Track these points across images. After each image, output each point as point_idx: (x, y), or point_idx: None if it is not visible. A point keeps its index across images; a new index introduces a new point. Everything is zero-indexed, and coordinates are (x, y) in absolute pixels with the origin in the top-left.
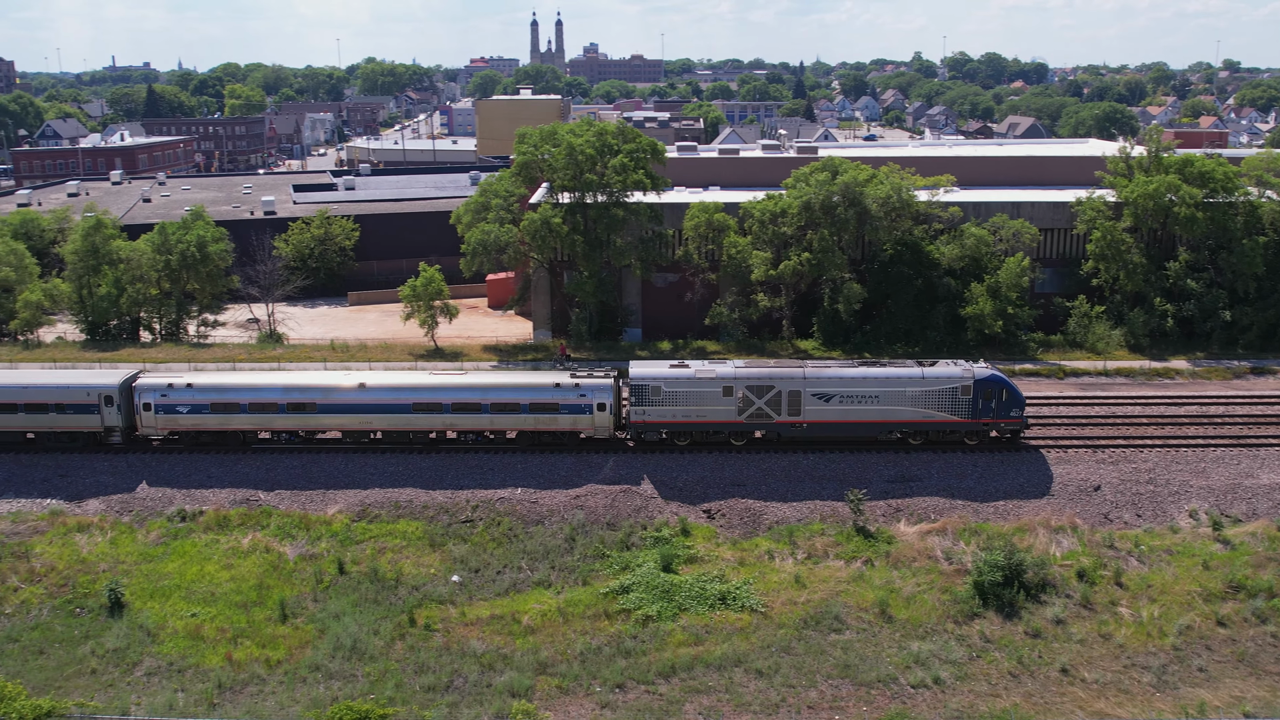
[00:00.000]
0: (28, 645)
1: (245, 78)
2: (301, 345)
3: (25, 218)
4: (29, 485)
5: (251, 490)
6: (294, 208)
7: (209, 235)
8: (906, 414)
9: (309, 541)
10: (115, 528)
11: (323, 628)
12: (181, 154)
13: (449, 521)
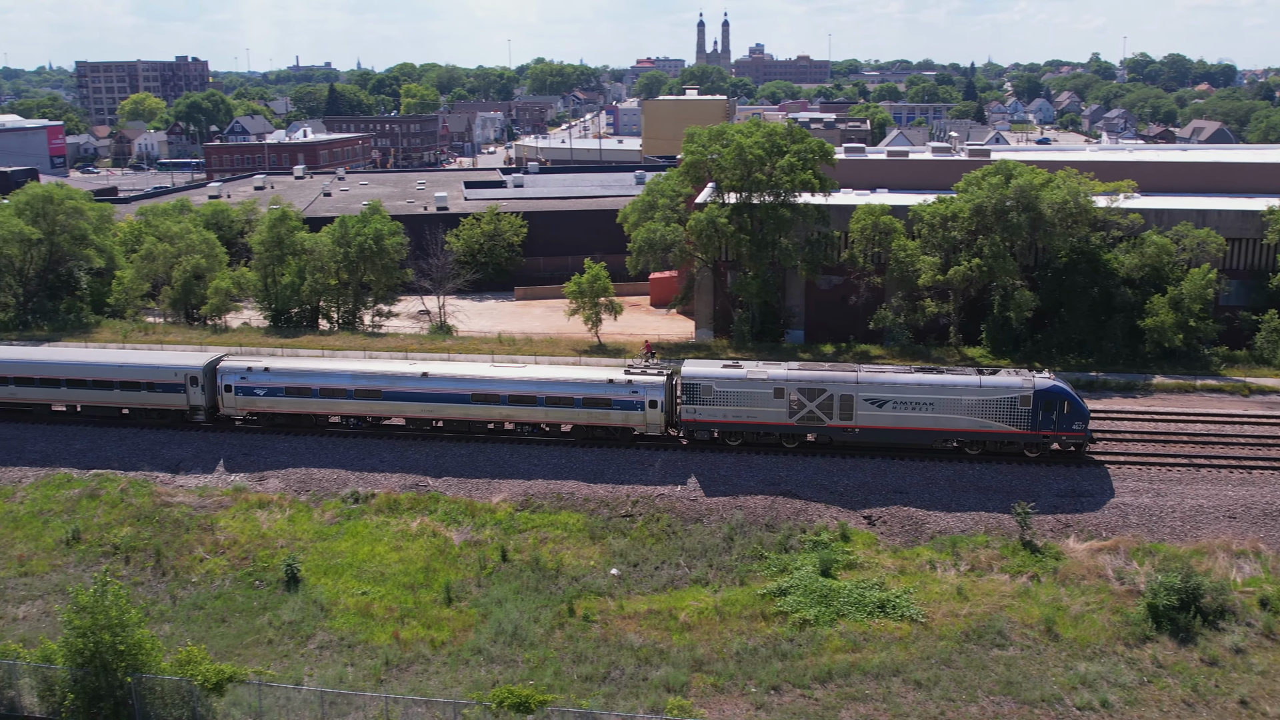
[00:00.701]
0: (211, 613)
1: (420, 77)
2: (470, 337)
3: (216, 209)
4: (216, 461)
5: (420, 476)
6: (465, 204)
7: (385, 229)
8: (963, 423)
9: (474, 528)
10: (293, 506)
11: (485, 612)
12: (359, 150)
13: (609, 515)
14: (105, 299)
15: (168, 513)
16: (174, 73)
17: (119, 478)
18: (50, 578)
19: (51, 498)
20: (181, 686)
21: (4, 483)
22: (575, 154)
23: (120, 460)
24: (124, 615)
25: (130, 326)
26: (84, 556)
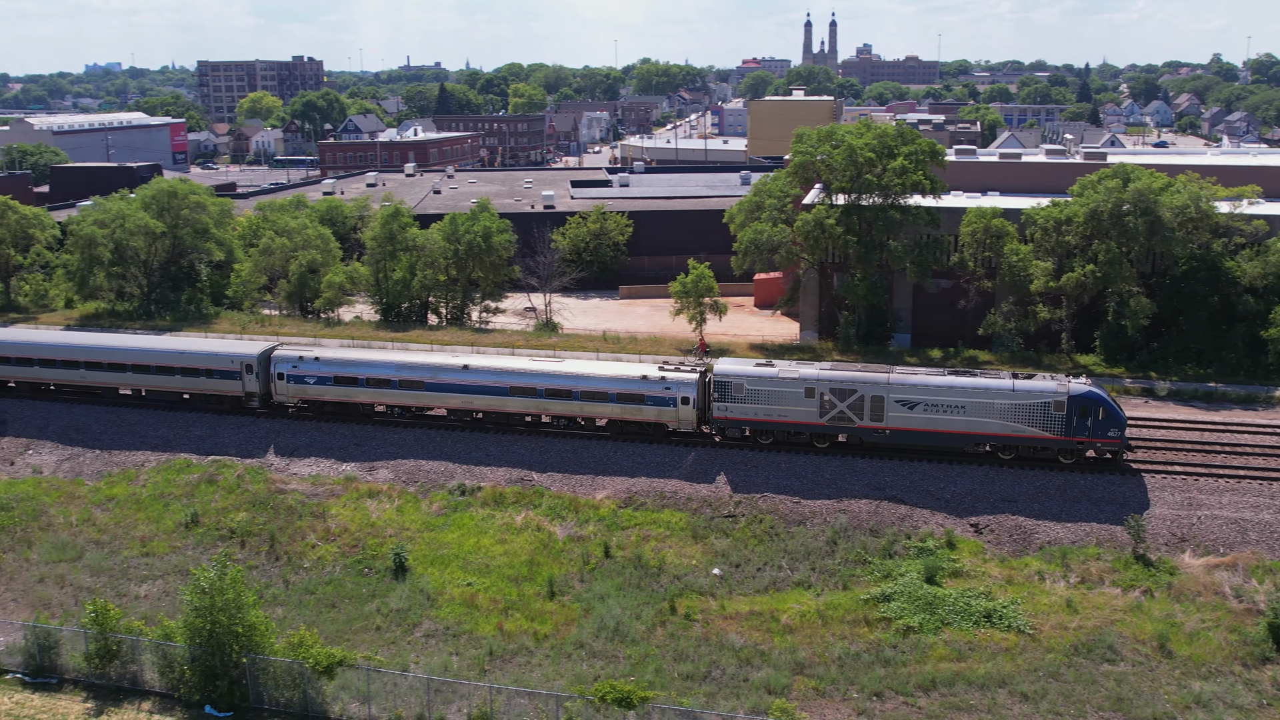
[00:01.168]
0: (322, 598)
1: (528, 77)
2: (575, 335)
3: (330, 205)
4: (328, 450)
5: (525, 470)
6: (571, 202)
7: (494, 226)
8: (994, 426)
9: (577, 523)
10: (402, 496)
11: (588, 607)
12: (468, 149)
13: (711, 515)
14: (224, 291)
15: (282, 499)
16: (290, 72)
17: (236, 464)
18: (170, 558)
19: (172, 482)
20: (293, 668)
21: (128, 466)
22: (680, 154)
23: (237, 447)
24: (240, 598)
25: (247, 318)
26: (202, 539)
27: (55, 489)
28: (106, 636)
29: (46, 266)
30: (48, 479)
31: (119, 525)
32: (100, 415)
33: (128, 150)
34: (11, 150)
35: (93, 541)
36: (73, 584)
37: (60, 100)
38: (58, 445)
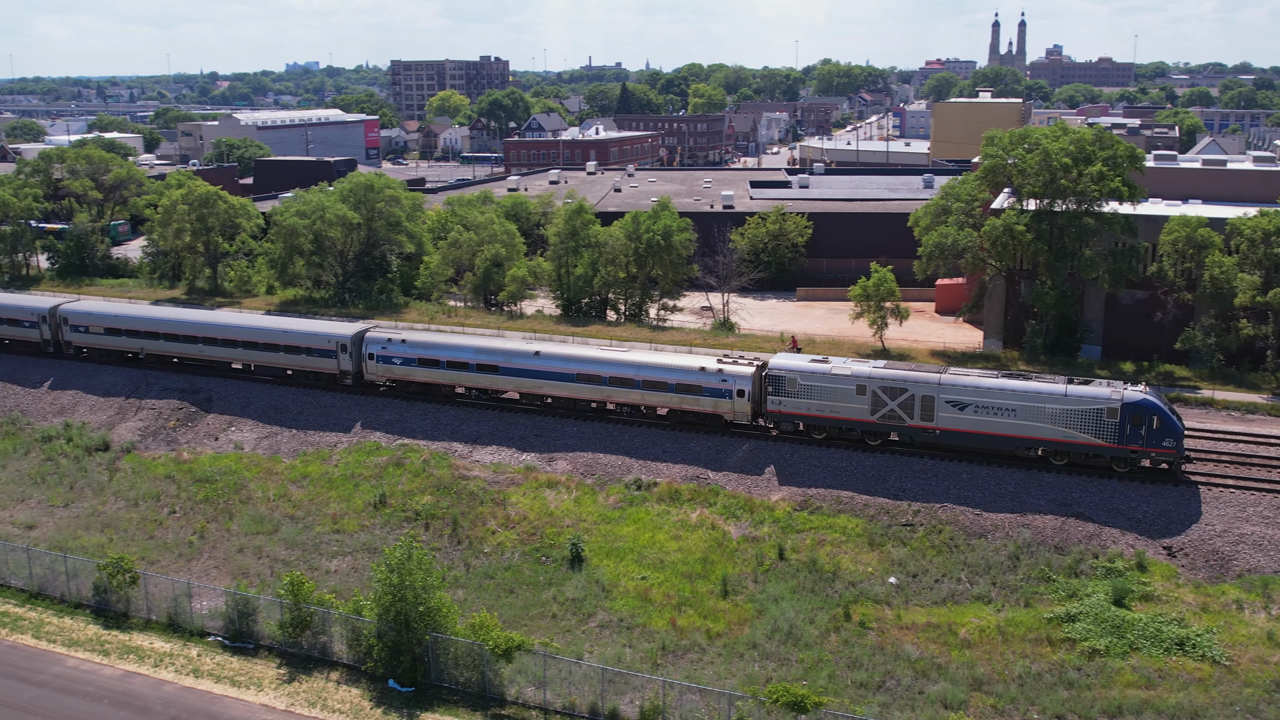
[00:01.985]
0: (500, 583)
1: (707, 77)
2: (752, 335)
3: (515, 201)
4: (509, 440)
5: (701, 468)
6: (750, 203)
7: (674, 225)
8: (1045, 431)
9: (752, 524)
10: (579, 488)
11: (761, 609)
12: (648, 148)
13: (889, 523)
14: (413, 282)
15: (464, 485)
16: (477, 71)
17: (422, 449)
18: (359, 536)
19: (362, 463)
20: (474, 649)
21: (322, 446)
22: (861, 156)
23: (424, 432)
24: (427, 579)
25: (435, 309)
26: (389, 519)
27: (255, 465)
28: (300, 607)
29: (250, 254)
30: (248, 455)
31: (312, 502)
32: (297, 397)
33: (325, 145)
34: (220, 144)
35: (288, 516)
36: (269, 555)
37: (263, 97)
38: (258, 423)
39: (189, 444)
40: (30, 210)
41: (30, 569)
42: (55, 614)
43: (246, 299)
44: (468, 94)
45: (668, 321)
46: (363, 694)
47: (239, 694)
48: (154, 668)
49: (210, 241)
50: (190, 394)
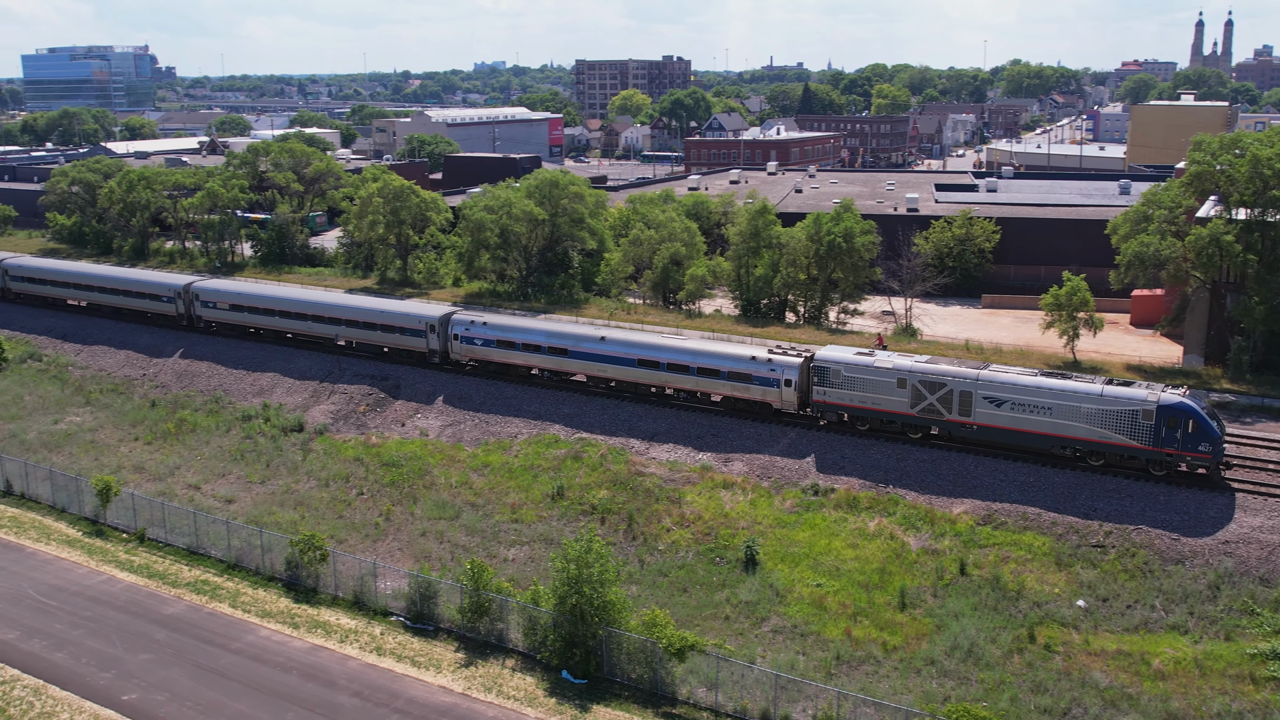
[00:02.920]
0: (674, 581)
1: (891, 78)
2: (935, 342)
3: (696, 200)
4: (685, 438)
5: (880, 476)
6: (934, 206)
7: (856, 227)
8: (1081, 431)
9: (932, 536)
10: (755, 490)
11: (940, 624)
12: (829, 149)
13: (1078, 543)
14: (594, 278)
15: (640, 481)
16: (659, 71)
17: (599, 443)
18: (536, 527)
19: (541, 455)
20: (646, 646)
21: (503, 436)
22: (1052, 160)
23: (601, 427)
24: (604, 573)
25: (614, 305)
26: (566, 512)
27: (439, 452)
28: (480, 593)
29: (438, 247)
30: (433, 442)
31: (492, 491)
32: (480, 387)
33: (511, 142)
34: (412, 140)
35: (469, 503)
36: (450, 540)
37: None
38: (443, 411)
39: (377, 428)
40: (237, 200)
41: (229, 541)
42: (250, 585)
43: (434, 291)
44: (649, 93)
45: (847, 325)
46: (537, 683)
47: (418, 674)
48: (340, 643)
49: (402, 234)
50: (380, 380)
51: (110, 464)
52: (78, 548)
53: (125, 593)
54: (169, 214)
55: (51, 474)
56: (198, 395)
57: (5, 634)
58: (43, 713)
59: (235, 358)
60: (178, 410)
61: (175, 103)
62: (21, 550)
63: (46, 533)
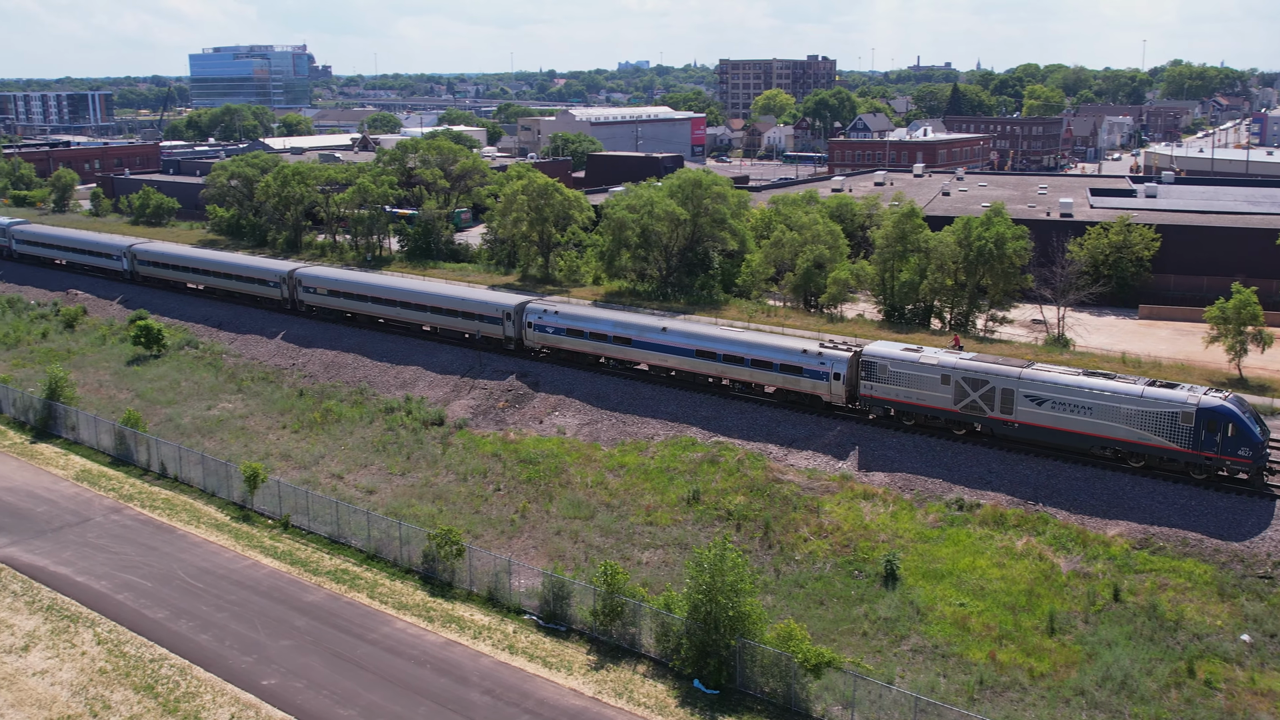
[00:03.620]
0: (810, 593)
1: (1044, 78)
2: (1089, 354)
3: (840, 201)
4: (825, 446)
5: (1029, 492)
6: (1090, 211)
7: (1008, 233)
8: (1120, 431)
9: (1084, 559)
10: (896, 502)
11: (1091, 652)
12: (978, 151)
13: (1243, 573)
14: (734, 279)
15: (778, 489)
16: (804, 71)
17: (737, 448)
18: (671, 531)
19: (677, 457)
20: (781, 660)
21: (639, 437)
22: (1216, 165)
23: (739, 431)
24: (739, 582)
25: (754, 307)
26: (701, 516)
27: (575, 450)
28: (613, 597)
29: (579, 245)
30: (569, 440)
31: (628, 492)
32: (618, 386)
33: (653, 141)
34: (556, 138)
35: (604, 504)
36: (584, 541)
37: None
38: (580, 410)
39: (515, 425)
40: (386, 196)
41: (369, 531)
42: (388, 576)
43: (574, 288)
44: (793, 93)
45: (996, 333)
46: (668, 690)
47: (549, 675)
48: (473, 639)
49: (544, 231)
50: (520, 376)
51: (259, 451)
52: (225, 532)
53: (269, 578)
54: (321, 208)
55: (203, 459)
56: (343, 386)
57: (156, 613)
58: (188, 692)
59: (380, 350)
60: (324, 400)
61: (330, 100)
62: (173, 532)
63: (197, 516)
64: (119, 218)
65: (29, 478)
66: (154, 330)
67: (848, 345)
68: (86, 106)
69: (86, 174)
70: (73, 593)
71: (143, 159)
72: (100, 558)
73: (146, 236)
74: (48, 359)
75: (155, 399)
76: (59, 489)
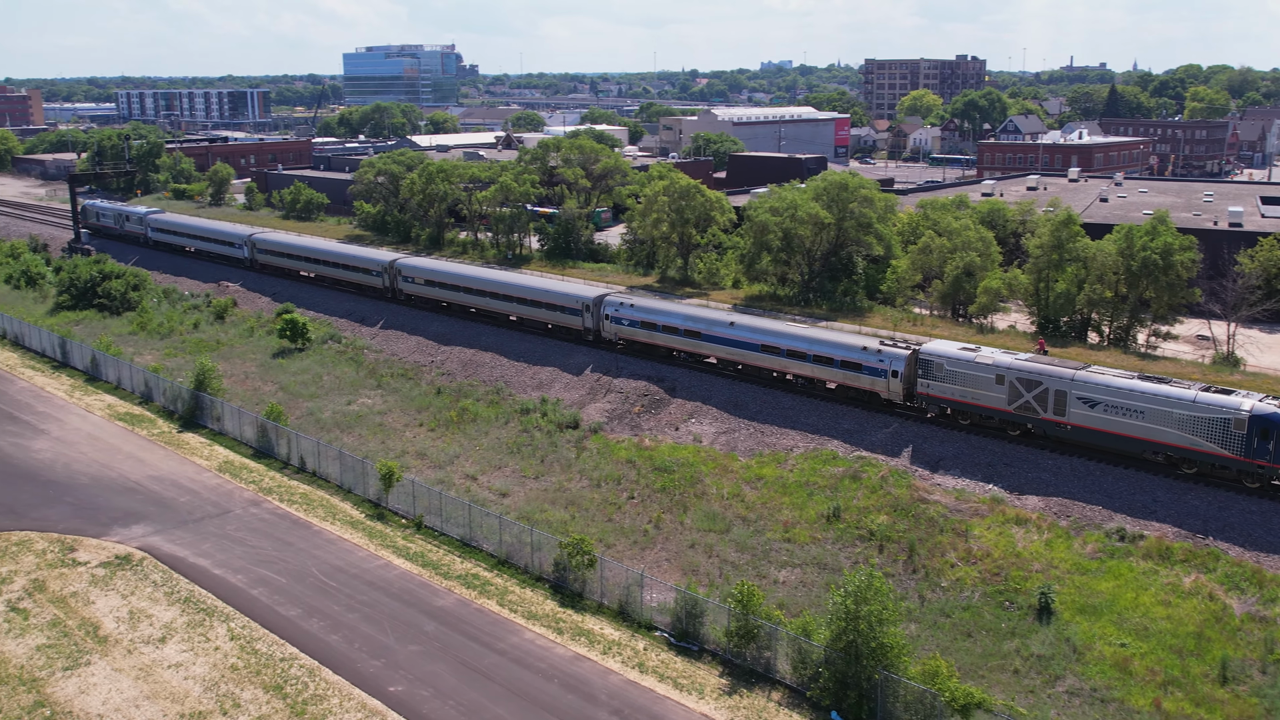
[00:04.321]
0: (957, 624)
1: (1207, 79)
2: (1262, 374)
3: (992, 207)
4: (973, 466)
5: (1198, 525)
6: (1261, 221)
7: (1175, 243)
8: (1171, 436)
9: (1260, 600)
10: (1051, 529)
11: (1270, 707)
12: (1137, 155)
13: None
14: (878, 286)
15: (923, 509)
16: (952, 71)
17: (879, 464)
18: (809, 549)
19: (817, 471)
20: (925, 698)
21: (778, 448)
22: None
23: (882, 446)
24: (884, 612)
25: (900, 315)
26: (841, 535)
27: (711, 459)
28: (748, 618)
29: (719, 247)
30: (706, 449)
31: (765, 506)
32: (756, 394)
33: (796, 142)
34: (698, 138)
35: (740, 517)
36: (719, 556)
37: (737, 94)
38: (717, 417)
39: (650, 430)
40: (528, 195)
41: (500, 536)
42: (518, 583)
43: (713, 291)
44: (941, 94)
45: (1159, 349)
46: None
47: (680, 697)
48: (602, 655)
49: (685, 233)
50: (656, 380)
51: (395, 448)
52: (360, 530)
53: (400, 580)
54: (464, 206)
55: (340, 455)
56: (480, 385)
57: (288, 610)
58: (315, 694)
59: (517, 350)
60: (461, 399)
61: (476, 99)
62: (309, 528)
63: (333, 512)
64: (271, 211)
65: (174, 467)
66: (299, 324)
67: (907, 343)
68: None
69: (242, 169)
70: (209, 585)
71: (295, 155)
72: (237, 551)
73: (295, 230)
74: (198, 349)
75: (298, 392)
76: (202, 479)
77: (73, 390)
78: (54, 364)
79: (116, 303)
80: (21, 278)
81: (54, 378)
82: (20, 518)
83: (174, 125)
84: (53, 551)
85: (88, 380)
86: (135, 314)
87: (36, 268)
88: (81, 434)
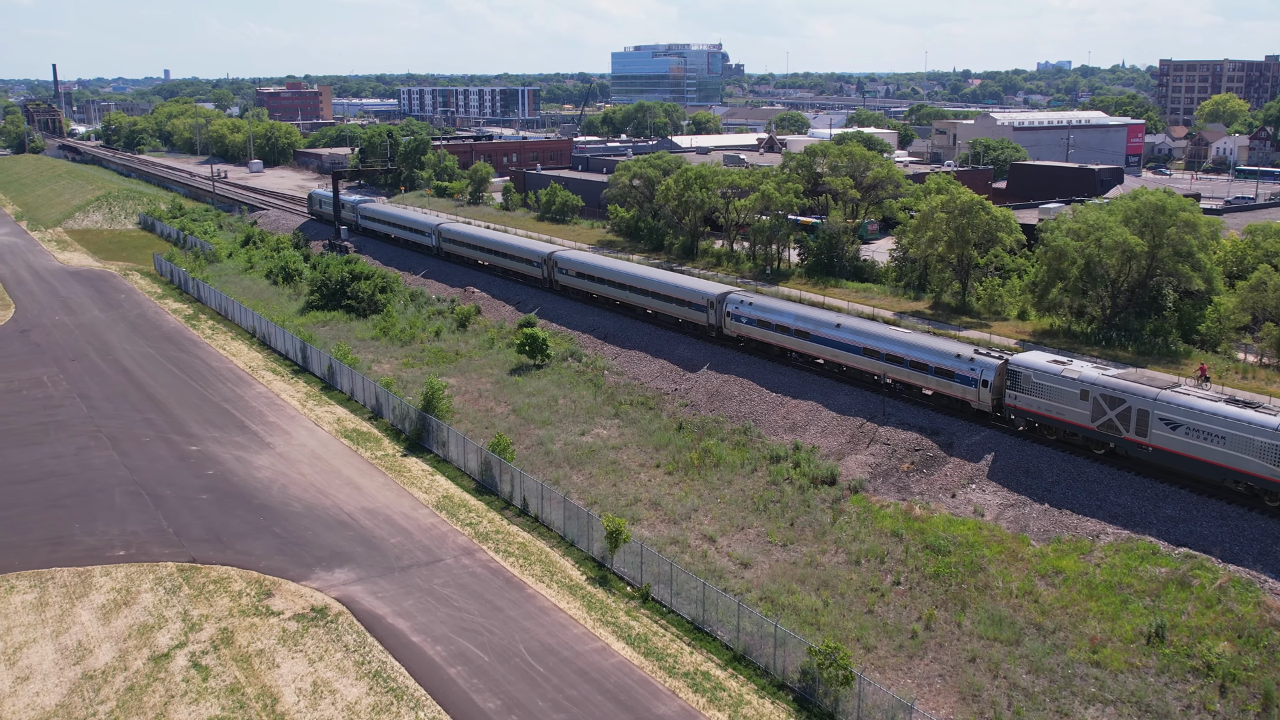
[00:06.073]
0: None
1: None
2: None
3: None
4: None
5: None
6: None
7: None
8: (1252, 465)
9: None
10: None
11: None
12: None
13: None
14: (1195, 326)
15: (1278, 637)
16: (1260, 73)
17: (1216, 568)
18: (1125, 680)
19: (1132, 570)
20: None
21: (1080, 534)
22: None
23: (1218, 544)
24: None
25: (1223, 363)
26: (1168, 664)
27: (996, 541)
28: None
29: (1002, 270)
30: (988, 525)
31: (1065, 611)
32: (1053, 461)
33: (1083, 149)
34: (976, 144)
35: (1033, 624)
36: (1006, 676)
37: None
38: (1001, 486)
39: (921, 495)
40: (790, 205)
41: (738, 622)
42: (756, 690)
43: (995, 322)
44: (1248, 98)
45: None
46: None
47: None
48: None
49: (964, 254)
50: (929, 433)
51: (628, 494)
52: (578, 597)
53: (617, 671)
54: (721, 214)
55: (565, 502)
56: (726, 421)
57: (486, 701)
58: None
59: (772, 381)
60: (704, 438)
61: (740, 98)
62: (523, 590)
63: (551, 571)
64: (526, 212)
65: (391, 499)
66: (539, 340)
67: (1000, 353)
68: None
69: (503, 167)
70: (404, 657)
71: (556, 154)
72: (441, 613)
73: (549, 234)
74: (436, 360)
75: (530, 416)
76: (417, 516)
77: (306, 399)
78: (294, 368)
79: (364, 304)
80: (280, 274)
81: (291, 383)
82: (225, 549)
83: (449, 120)
84: (249, 595)
85: (323, 389)
86: (380, 317)
87: (295, 264)
88: (306, 451)
